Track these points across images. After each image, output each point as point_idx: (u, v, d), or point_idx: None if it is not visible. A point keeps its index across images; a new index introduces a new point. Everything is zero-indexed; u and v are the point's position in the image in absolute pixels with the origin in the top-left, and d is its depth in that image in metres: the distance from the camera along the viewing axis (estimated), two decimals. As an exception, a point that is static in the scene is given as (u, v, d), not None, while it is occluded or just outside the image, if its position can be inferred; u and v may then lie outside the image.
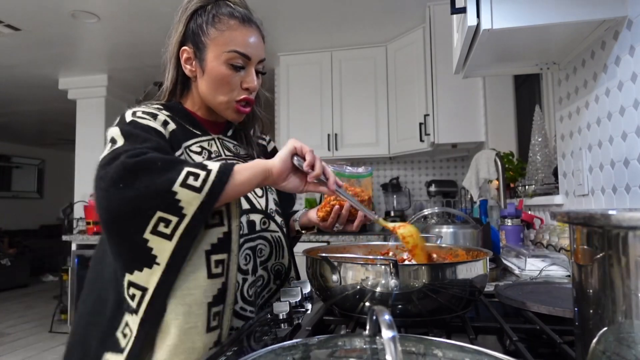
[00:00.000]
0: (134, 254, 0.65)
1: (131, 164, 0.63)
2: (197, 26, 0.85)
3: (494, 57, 1.24)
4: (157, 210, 0.62)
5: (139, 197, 0.62)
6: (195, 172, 0.65)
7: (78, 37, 3.20)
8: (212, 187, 0.65)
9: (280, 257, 0.96)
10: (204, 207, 0.64)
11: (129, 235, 0.63)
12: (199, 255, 0.68)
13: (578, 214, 0.40)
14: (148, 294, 0.64)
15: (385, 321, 0.31)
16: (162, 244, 0.63)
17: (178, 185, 0.63)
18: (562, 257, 1.17)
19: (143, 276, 0.64)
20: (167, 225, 0.63)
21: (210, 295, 0.68)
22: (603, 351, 0.38)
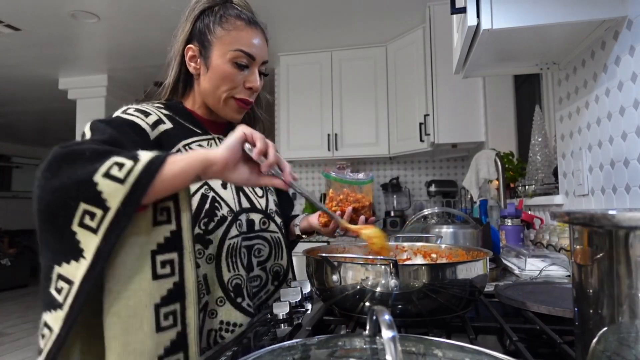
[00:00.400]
0: (63, 246, 0.61)
1: (59, 153, 0.61)
2: (204, 25, 0.87)
3: (494, 57, 1.24)
4: (80, 201, 0.59)
5: (62, 187, 0.59)
6: (121, 161, 0.60)
7: (78, 37, 3.20)
8: (138, 178, 0.59)
9: (279, 258, 0.96)
10: (129, 201, 0.59)
11: (58, 226, 0.60)
12: (144, 255, 0.64)
13: (578, 214, 0.40)
14: (74, 288, 0.60)
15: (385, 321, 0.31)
16: (88, 238, 0.59)
17: (100, 175, 0.59)
18: (562, 257, 1.17)
19: (71, 269, 0.60)
20: (93, 218, 0.59)
21: (158, 297, 0.64)
22: (603, 351, 0.38)
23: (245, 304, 0.84)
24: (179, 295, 0.66)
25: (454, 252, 0.85)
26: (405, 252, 0.91)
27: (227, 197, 0.86)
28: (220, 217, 0.84)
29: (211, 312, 0.82)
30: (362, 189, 0.89)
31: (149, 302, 0.63)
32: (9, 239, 6.42)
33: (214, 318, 0.82)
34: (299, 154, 3.43)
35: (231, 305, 0.82)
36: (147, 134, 0.79)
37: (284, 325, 0.71)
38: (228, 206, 0.86)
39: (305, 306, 0.81)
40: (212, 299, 0.82)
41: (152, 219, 0.65)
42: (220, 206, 0.84)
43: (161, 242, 0.65)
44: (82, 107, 4.14)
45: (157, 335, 0.63)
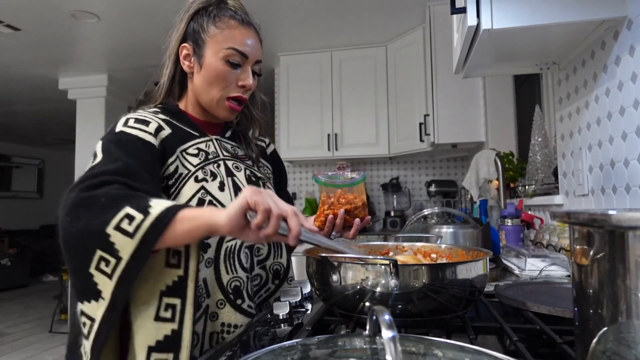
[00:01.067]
0: (84, 286, 0.65)
1: (79, 199, 0.65)
2: (198, 25, 0.88)
3: (494, 57, 1.24)
4: (97, 249, 0.63)
5: (79, 234, 0.63)
6: (132, 214, 0.63)
7: (78, 37, 3.19)
8: (146, 234, 0.62)
9: (279, 257, 0.96)
10: (137, 254, 0.62)
11: (79, 267, 0.65)
12: (154, 294, 0.67)
13: (578, 214, 0.40)
14: (96, 325, 0.65)
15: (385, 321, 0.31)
16: (104, 281, 0.63)
17: (112, 227, 0.62)
18: (562, 257, 1.17)
19: (92, 308, 0.65)
20: (107, 264, 0.63)
21: (153, 340, 0.66)
22: (603, 351, 0.38)
23: (245, 306, 0.84)
24: (173, 344, 0.67)
25: (454, 252, 0.85)
26: (405, 252, 0.91)
27: (224, 199, 0.86)
28: None
29: (212, 315, 0.82)
30: (353, 189, 0.88)
31: (144, 343, 0.66)
32: (9, 239, 6.42)
33: (215, 321, 0.82)
34: (299, 154, 3.43)
35: (231, 307, 0.82)
36: (154, 145, 0.80)
37: (284, 325, 0.71)
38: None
39: (305, 306, 0.81)
40: (212, 302, 0.82)
41: (165, 260, 0.69)
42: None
43: (170, 285, 0.68)
44: (82, 107, 4.14)
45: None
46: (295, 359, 0.39)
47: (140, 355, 0.65)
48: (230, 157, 0.94)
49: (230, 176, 0.90)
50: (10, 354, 3.39)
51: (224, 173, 0.89)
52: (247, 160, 0.99)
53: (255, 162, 1.00)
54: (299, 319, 0.73)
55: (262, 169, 1.03)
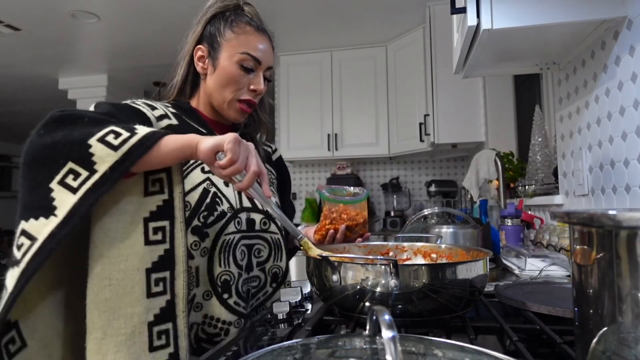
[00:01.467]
0: (35, 201, 0.62)
1: (58, 114, 0.63)
2: (214, 28, 0.90)
3: (494, 57, 1.24)
4: (69, 160, 0.61)
5: (54, 144, 0.61)
6: (119, 131, 0.62)
7: (78, 37, 3.20)
8: (131, 148, 0.62)
9: (279, 260, 0.96)
10: (117, 166, 0.61)
11: (37, 182, 0.62)
12: (136, 222, 0.66)
13: (578, 214, 0.40)
14: (36, 244, 0.60)
15: (385, 321, 0.31)
16: (65, 196, 0.61)
17: (95, 139, 0.61)
18: (562, 257, 1.17)
19: (37, 225, 0.61)
20: (76, 178, 0.61)
21: (149, 262, 0.66)
22: (603, 351, 0.38)
23: (232, 302, 0.83)
24: (169, 262, 0.67)
25: (454, 252, 0.85)
26: (405, 252, 0.91)
27: (228, 194, 0.87)
28: (219, 212, 0.85)
29: (197, 305, 0.82)
30: (355, 205, 0.89)
31: (140, 266, 0.65)
32: (9, 239, 6.42)
33: (199, 311, 0.82)
34: (299, 154, 3.43)
35: (217, 301, 0.82)
36: (152, 123, 0.81)
37: (284, 325, 0.71)
38: (229, 202, 0.87)
39: (305, 306, 0.81)
40: (199, 292, 0.82)
41: (144, 189, 0.67)
42: (221, 202, 0.85)
43: (153, 210, 0.67)
44: (82, 107, 4.13)
45: (148, 300, 0.65)
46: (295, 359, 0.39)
47: (139, 277, 0.65)
48: None
49: None
50: (10, 354, 3.38)
51: None
52: None
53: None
54: (299, 319, 0.73)
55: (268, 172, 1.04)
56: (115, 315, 0.63)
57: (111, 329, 0.62)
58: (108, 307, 0.63)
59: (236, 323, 0.83)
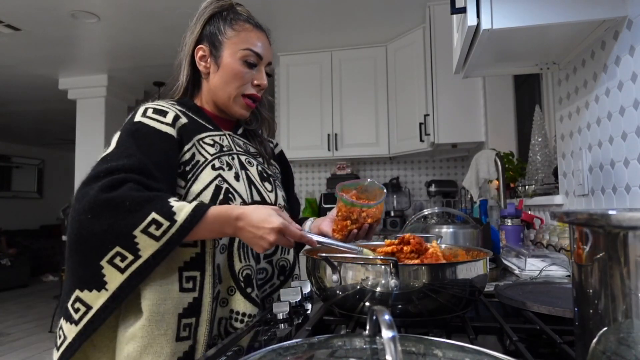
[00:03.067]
0: (89, 276, 0.70)
1: (102, 200, 0.69)
2: (214, 27, 0.92)
3: (494, 57, 1.24)
4: (117, 245, 0.69)
5: (102, 232, 0.68)
6: (159, 220, 0.69)
7: (78, 37, 3.20)
8: (170, 238, 0.70)
9: (286, 253, 0.97)
10: (158, 254, 0.70)
11: (88, 260, 0.70)
12: (173, 271, 0.76)
13: (578, 214, 0.40)
14: (91, 312, 0.70)
15: (385, 321, 0.31)
16: (114, 274, 0.69)
17: (139, 230, 0.69)
18: (562, 257, 1.17)
19: (91, 296, 0.70)
20: (123, 260, 0.69)
21: (181, 307, 0.75)
22: (603, 351, 0.38)
23: (254, 295, 0.86)
24: (196, 309, 0.77)
25: (454, 252, 0.85)
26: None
27: (240, 189, 0.88)
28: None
29: (222, 300, 0.84)
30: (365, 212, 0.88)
31: (174, 310, 0.75)
32: (9, 239, 6.42)
33: (225, 307, 0.84)
34: (299, 154, 3.43)
35: (241, 295, 0.84)
36: (172, 135, 0.83)
37: (284, 325, 0.71)
38: (241, 197, 0.88)
39: (305, 306, 0.81)
40: (223, 288, 0.84)
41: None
42: (234, 197, 0.86)
43: (187, 261, 0.78)
44: (82, 107, 4.14)
45: (176, 344, 0.75)
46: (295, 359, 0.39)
47: (171, 320, 0.74)
48: (242, 152, 0.97)
49: (243, 169, 0.93)
50: (10, 354, 3.39)
51: (238, 166, 0.92)
52: (258, 157, 1.01)
53: (267, 160, 1.03)
54: (299, 319, 0.73)
55: (272, 167, 1.06)
56: (145, 352, 0.73)
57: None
58: (139, 345, 0.73)
59: (258, 315, 0.85)
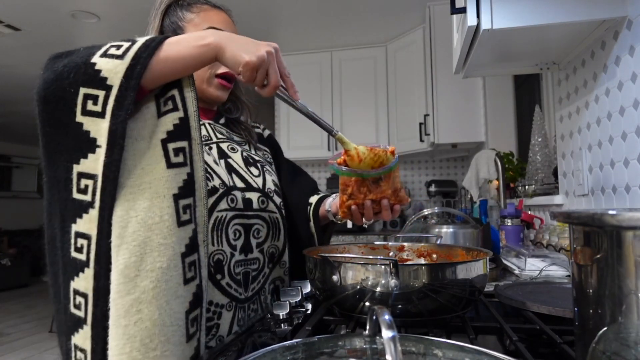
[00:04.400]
0: (75, 142, 0.59)
1: (57, 53, 0.62)
2: (174, 16, 0.91)
3: (494, 57, 1.24)
4: (79, 86, 0.58)
5: (58, 76, 0.58)
6: (118, 44, 0.61)
7: (78, 37, 3.20)
8: (137, 53, 0.59)
9: (276, 240, 0.93)
10: (130, 74, 0.58)
11: (63, 122, 0.59)
12: (155, 145, 0.61)
13: (578, 214, 0.40)
14: (99, 180, 0.58)
15: (385, 321, 0.31)
16: (97, 124, 0.57)
17: (98, 56, 0.59)
18: (562, 257, 1.17)
19: (90, 163, 0.58)
20: (96, 101, 0.57)
21: (175, 187, 0.61)
22: (603, 351, 0.38)
23: (224, 283, 0.80)
24: (192, 188, 0.63)
25: (454, 252, 0.85)
26: (406, 252, 0.91)
27: (219, 171, 0.84)
28: (211, 188, 0.81)
29: None
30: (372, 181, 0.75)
31: (167, 192, 0.60)
32: (9, 239, 6.42)
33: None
34: (299, 154, 3.43)
35: (210, 282, 0.78)
36: None
37: (284, 325, 0.71)
38: (220, 179, 0.83)
39: (305, 306, 0.81)
40: None
41: (157, 110, 0.63)
42: (211, 177, 0.82)
43: (170, 130, 0.62)
44: (82, 107, 4.14)
45: (179, 230, 0.60)
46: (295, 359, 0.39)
47: (166, 206, 0.59)
48: (225, 139, 0.94)
49: (223, 158, 0.88)
50: (10, 354, 3.39)
51: (217, 155, 0.88)
52: (244, 144, 0.98)
53: (254, 145, 1.00)
54: (299, 319, 0.73)
55: (261, 152, 1.03)
56: (147, 249, 0.58)
57: (145, 264, 0.58)
58: (138, 241, 0.58)
59: (228, 306, 0.80)
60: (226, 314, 0.80)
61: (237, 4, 1.00)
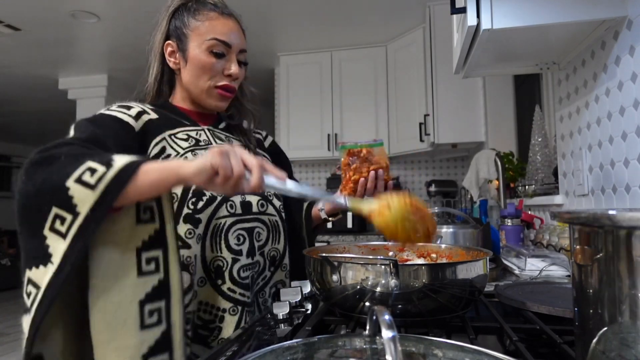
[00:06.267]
0: (34, 250, 0.61)
1: (36, 158, 0.62)
2: (179, 21, 0.90)
3: (494, 57, 1.24)
4: (52, 205, 0.60)
5: (37, 191, 0.60)
6: (94, 167, 0.60)
7: (78, 37, 3.20)
8: (108, 186, 0.59)
9: (276, 243, 0.95)
10: (98, 207, 0.59)
11: (32, 230, 0.61)
12: (129, 252, 0.63)
13: (578, 214, 0.40)
14: (40, 293, 0.60)
15: (385, 321, 0.31)
16: (57, 243, 0.60)
17: (72, 180, 0.59)
18: (562, 257, 1.17)
19: (39, 274, 0.60)
20: (63, 222, 0.59)
21: (142, 293, 0.63)
22: (603, 351, 0.38)
23: (225, 288, 0.83)
24: (163, 292, 0.65)
25: (454, 252, 0.85)
26: (406, 252, 0.91)
27: None
28: (209, 197, 0.83)
29: (194, 293, 0.81)
30: (373, 152, 0.89)
31: (133, 298, 0.62)
32: (9, 239, 6.42)
33: (194, 299, 0.81)
34: (299, 154, 3.43)
35: (211, 287, 0.82)
36: (132, 126, 0.81)
37: (284, 325, 0.71)
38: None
39: (305, 306, 0.81)
40: (195, 279, 0.81)
41: (136, 217, 0.65)
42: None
43: (145, 240, 0.64)
44: (82, 107, 4.14)
45: (141, 332, 0.62)
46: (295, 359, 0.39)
47: (132, 310, 0.62)
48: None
49: None
50: (10, 354, 3.39)
51: None
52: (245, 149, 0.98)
53: (253, 151, 1.00)
54: (299, 319, 0.73)
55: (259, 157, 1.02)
56: (109, 348, 0.61)
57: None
58: (103, 340, 0.61)
59: (231, 310, 0.82)
60: (229, 317, 0.82)
61: (237, 4, 0.99)
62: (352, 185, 0.88)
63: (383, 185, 0.89)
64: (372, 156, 0.88)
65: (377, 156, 0.89)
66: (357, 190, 0.89)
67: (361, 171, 0.87)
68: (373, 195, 0.88)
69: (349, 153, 0.89)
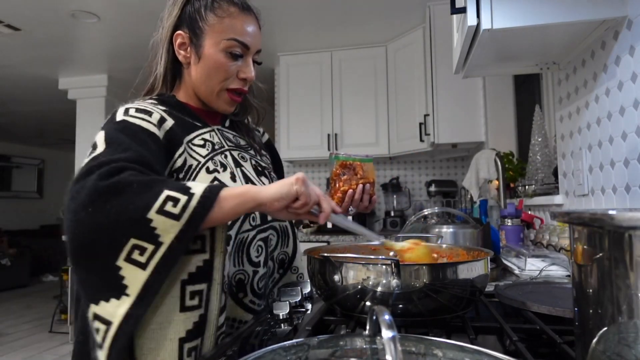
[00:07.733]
0: (102, 283, 0.58)
1: (103, 186, 0.58)
2: (194, 10, 0.83)
3: (494, 57, 1.24)
4: (131, 237, 0.57)
5: (111, 225, 0.57)
6: (175, 196, 0.59)
7: (78, 37, 3.19)
8: (193, 214, 0.58)
9: (285, 246, 0.94)
10: (183, 235, 0.58)
11: (99, 263, 0.58)
12: (174, 285, 0.62)
13: (578, 214, 0.40)
14: (113, 328, 0.57)
15: (386, 321, 0.31)
16: (135, 273, 0.57)
17: (154, 212, 0.57)
18: (562, 257, 1.17)
19: (109, 308, 0.58)
20: (142, 253, 0.57)
21: (183, 330, 0.62)
22: (603, 351, 0.38)
23: (247, 301, 0.81)
24: (201, 330, 0.64)
25: (454, 252, 0.85)
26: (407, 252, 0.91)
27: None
28: None
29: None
30: (363, 167, 0.92)
31: (173, 336, 0.62)
32: (9, 239, 6.42)
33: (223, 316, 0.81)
34: (299, 154, 3.43)
35: (232, 301, 0.80)
36: (158, 137, 0.75)
37: (284, 325, 0.71)
38: None
39: (305, 306, 0.81)
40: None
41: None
42: None
43: (193, 272, 0.63)
44: (82, 107, 4.14)
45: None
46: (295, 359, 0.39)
47: (171, 347, 0.61)
48: (234, 147, 0.91)
49: (238, 167, 0.87)
50: (10, 354, 3.39)
51: (232, 164, 0.86)
52: (249, 150, 0.96)
53: (258, 151, 0.98)
54: (299, 319, 0.73)
55: (265, 158, 1.01)
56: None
57: None
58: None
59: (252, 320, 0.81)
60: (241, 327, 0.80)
61: (237, 4, 0.98)
62: (340, 195, 0.91)
63: (368, 199, 0.90)
64: (362, 171, 0.92)
65: (367, 171, 0.92)
66: (344, 200, 0.91)
67: (350, 183, 0.90)
68: (357, 207, 0.90)
69: (342, 165, 0.92)
